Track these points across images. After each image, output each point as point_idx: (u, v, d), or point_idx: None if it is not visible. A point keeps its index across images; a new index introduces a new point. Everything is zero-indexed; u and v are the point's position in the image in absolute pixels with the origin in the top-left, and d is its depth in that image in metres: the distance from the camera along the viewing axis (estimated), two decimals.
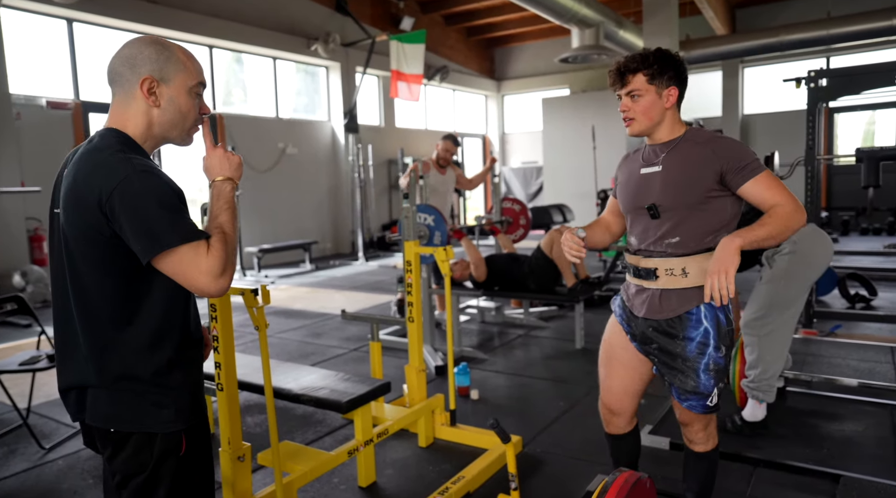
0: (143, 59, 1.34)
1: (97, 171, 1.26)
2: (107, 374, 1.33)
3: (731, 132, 12.22)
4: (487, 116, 15.49)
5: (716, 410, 1.90)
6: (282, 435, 3.19)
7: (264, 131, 9.75)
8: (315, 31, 10.22)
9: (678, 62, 1.82)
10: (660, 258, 1.84)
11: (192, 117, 1.42)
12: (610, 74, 1.86)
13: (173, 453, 1.35)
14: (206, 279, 1.24)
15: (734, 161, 1.74)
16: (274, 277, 8.40)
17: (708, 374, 1.83)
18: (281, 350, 4.87)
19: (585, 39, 8.04)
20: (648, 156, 1.90)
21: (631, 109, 1.82)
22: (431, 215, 4.44)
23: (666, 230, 1.83)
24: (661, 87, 1.80)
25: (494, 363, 4.35)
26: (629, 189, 1.93)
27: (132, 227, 1.23)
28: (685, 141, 1.84)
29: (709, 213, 1.79)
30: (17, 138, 6.78)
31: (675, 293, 1.83)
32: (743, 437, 2.95)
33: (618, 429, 2.12)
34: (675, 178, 1.80)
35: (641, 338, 1.95)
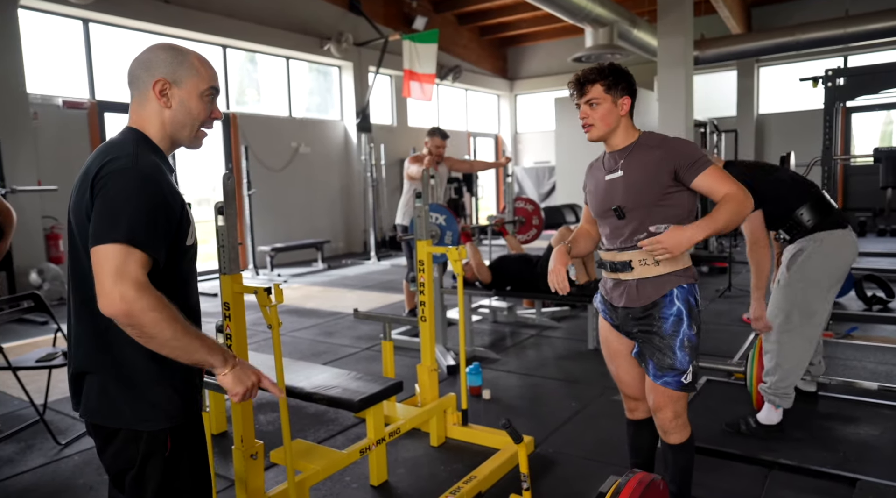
0: (158, 63, 1.39)
1: (105, 157, 1.30)
2: (97, 363, 1.34)
3: (747, 131, 12.12)
4: (500, 116, 15.46)
5: (689, 388, 2.02)
6: (294, 433, 3.20)
7: (277, 131, 9.79)
8: (328, 30, 10.25)
9: (629, 75, 2.02)
10: (633, 251, 2.01)
11: (202, 120, 1.45)
12: (570, 85, 2.05)
13: (159, 453, 1.35)
14: (110, 281, 1.19)
15: (685, 159, 1.92)
16: (286, 276, 8.44)
17: (684, 350, 1.98)
18: (293, 349, 4.89)
19: (599, 39, 8.00)
20: (609, 163, 2.08)
21: (590, 116, 2.00)
22: (443, 215, 4.45)
23: (633, 228, 2.00)
24: (616, 97, 1.99)
25: (506, 363, 4.34)
26: (597, 196, 2.11)
27: (98, 209, 1.24)
28: (639, 145, 2.02)
29: (669, 208, 1.96)
30: (34, 138, 6.86)
31: (650, 281, 2.00)
32: (758, 439, 2.92)
33: (643, 414, 2.25)
34: (635, 181, 1.98)
35: (623, 325, 2.10)
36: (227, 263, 2.15)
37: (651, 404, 2.10)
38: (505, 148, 15.40)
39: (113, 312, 1.20)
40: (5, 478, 2.83)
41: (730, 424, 3.04)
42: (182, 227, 1.36)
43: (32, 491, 2.72)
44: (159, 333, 1.23)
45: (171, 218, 1.31)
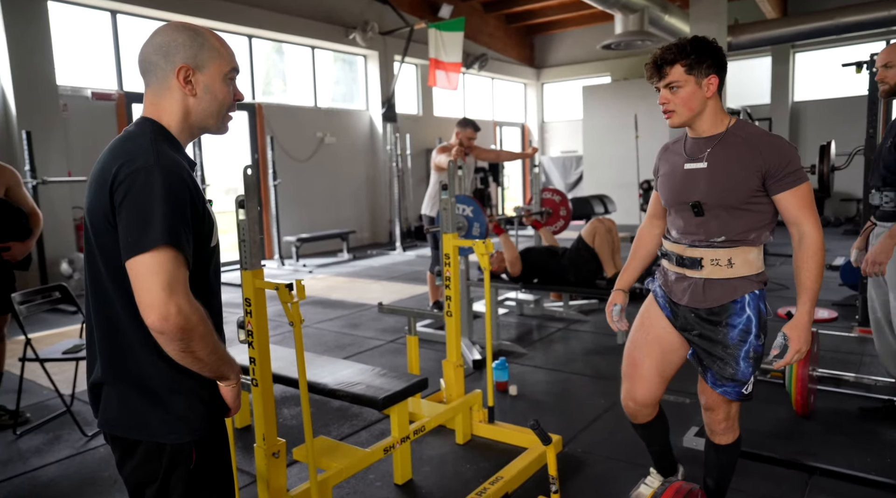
0: (177, 47, 1.28)
1: (122, 156, 1.21)
2: (117, 374, 1.27)
3: (781, 120, 11.76)
4: (527, 105, 15.26)
5: (749, 398, 1.91)
6: (318, 429, 3.17)
7: (303, 121, 9.78)
8: (353, 19, 10.18)
9: (717, 49, 1.77)
10: (705, 248, 1.84)
11: (228, 104, 1.37)
12: (646, 67, 1.84)
13: (183, 465, 1.28)
14: (164, 293, 1.12)
15: (780, 166, 1.73)
16: (312, 267, 8.44)
17: (748, 361, 1.84)
18: (318, 341, 4.87)
19: (629, 25, 7.78)
20: (692, 150, 1.88)
21: (671, 101, 1.79)
22: (470, 206, 4.36)
23: (710, 228, 1.83)
24: (700, 77, 1.76)
25: (533, 358, 4.26)
26: (672, 184, 1.91)
27: (127, 216, 1.16)
28: (731, 136, 1.81)
29: (752, 213, 1.80)
30: (64, 129, 6.94)
31: (720, 283, 1.84)
32: (797, 442, 2.80)
33: (646, 418, 2.13)
34: (721, 177, 1.79)
35: (683, 324, 1.95)
36: (248, 258, 2.10)
37: (703, 404, 2.00)
38: (531, 137, 15.21)
39: (168, 327, 1.12)
40: (34, 469, 2.85)
41: None
42: (206, 228, 1.28)
43: (59, 482, 2.73)
44: (203, 347, 1.17)
45: (196, 218, 1.24)
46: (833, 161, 4.40)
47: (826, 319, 4.92)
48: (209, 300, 1.34)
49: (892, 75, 2.62)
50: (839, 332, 4.40)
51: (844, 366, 3.70)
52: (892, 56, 2.62)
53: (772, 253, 8.02)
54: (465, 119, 5.13)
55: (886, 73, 2.65)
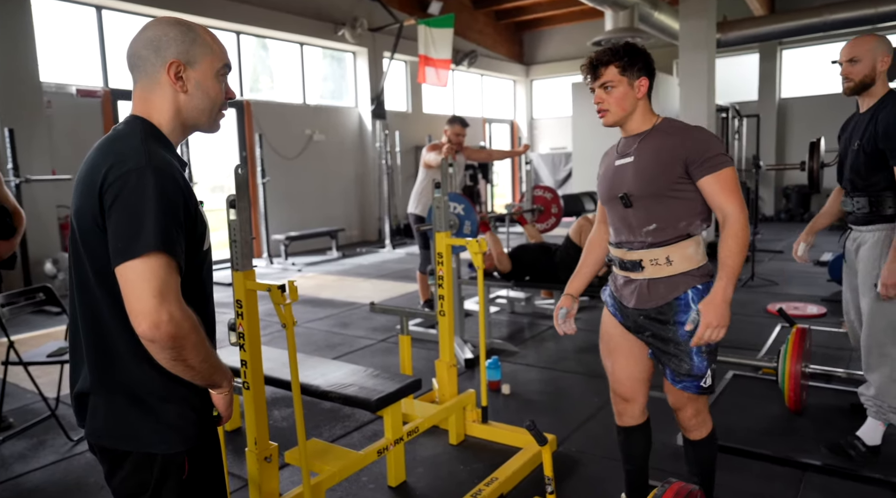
0: (168, 41, 1.23)
1: (112, 156, 1.16)
2: (105, 383, 1.22)
3: (768, 116, 11.83)
4: (516, 102, 15.25)
5: (709, 391, 1.94)
6: (309, 431, 3.13)
7: (291, 118, 9.70)
8: (342, 16, 10.11)
9: (646, 54, 1.90)
10: (642, 249, 1.90)
11: (220, 102, 1.32)
12: (583, 69, 1.93)
13: (175, 476, 1.23)
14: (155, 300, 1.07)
15: (699, 152, 1.80)
16: (301, 265, 8.38)
17: (701, 356, 1.88)
18: (308, 341, 4.83)
19: (619, 22, 7.77)
20: (623, 148, 1.97)
21: (605, 100, 1.89)
22: (461, 204, 4.34)
23: (641, 218, 1.88)
24: (632, 78, 1.87)
25: (525, 356, 4.24)
26: (605, 181, 2.01)
27: (117, 219, 1.11)
28: (656, 131, 1.90)
29: (680, 201, 1.85)
30: (47, 127, 6.82)
31: (662, 282, 1.88)
32: (791, 439, 2.80)
33: (631, 419, 2.13)
34: (645, 167, 1.86)
35: (635, 327, 1.99)
36: (239, 258, 2.05)
37: (670, 403, 2.03)
38: (521, 134, 15.20)
39: (159, 335, 1.08)
40: (18, 475, 2.80)
41: (833, 447, 2.65)
42: (199, 231, 1.24)
43: (44, 489, 2.68)
44: (195, 355, 1.13)
45: (189, 221, 1.19)
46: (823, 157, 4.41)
47: (815, 314, 4.94)
48: (202, 305, 1.31)
49: (858, 71, 2.48)
50: (829, 328, 4.42)
51: (835, 362, 3.71)
52: (856, 51, 2.47)
53: (760, 249, 8.06)
54: (454, 116, 5.11)
55: (852, 68, 2.49)
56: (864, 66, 2.47)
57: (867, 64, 2.46)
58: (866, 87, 2.50)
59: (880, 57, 2.44)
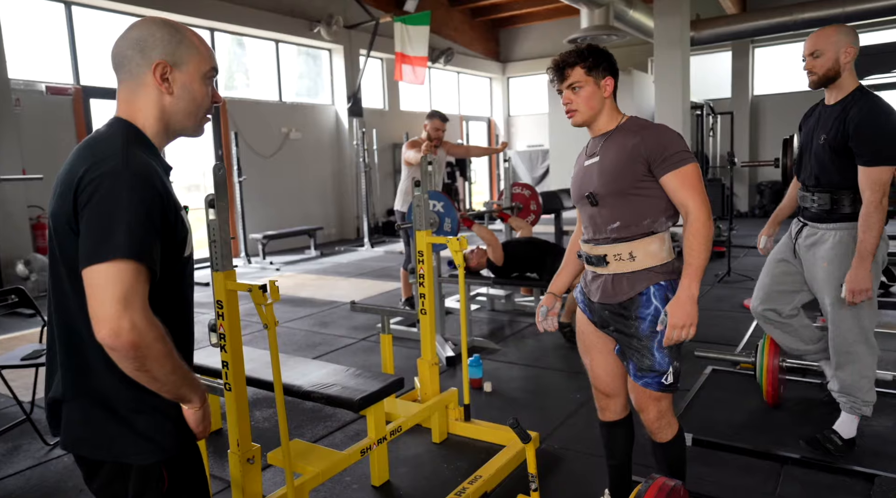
0: (155, 42, 1.21)
1: (90, 158, 1.13)
2: (78, 390, 1.19)
3: (742, 113, 12.02)
4: (492, 99, 15.28)
5: (671, 389, 1.94)
6: (291, 431, 3.11)
7: (267, 116, 9.60)
8: (317, 13, 10.03)
9: (609, 55, 1.94)
10: (607, 245, 1.93)
11: (206, 106, 1.30)
12: (549, 71, 1.95)
13: (152, 488, 1.19)
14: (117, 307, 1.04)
15: (659, 150, 1.82)
16: (279, 264, 8.31)
17: (662, 352, 1.89)
18: (288, 340, 4.79)
19: (595, 20, 7.83)
20: (590, 148, 2.01)
21: (573, 101, 1.92)
22: (441, 202, 4.33)
23: (606, 216, 1.91)
24: (598, 78, 1.90)
25: (506, 354, 4.26)
26: (576, 181, 2.04)
27: (89, 221, 1.08)
28: (620, 129, 1.93)
29: (644, 199, 1.87)
30: (16, 125, 6.66)
31: (626, 277, 1.91)
32: (769, 433, 2.85)
33: (613, 414, 2.16)
34: (609, 166, 1.89)
35: (601, 322, 2.02)
36: (219, 259, 2.03)
37: (634, 404, 2.04)
38: (498, 131, 15.24)
39: (119, 344, 1.04)
40: None
41: (811, 442, 2.65)
42: (178, 237, 1.20)
43: (20, 495, 2.62)
44: (159, 367, 1.10)
45: (167, 227, 1.16)
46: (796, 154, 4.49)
47: None
48: (181, 313, 1.28)
49: (821, 64, 2.43)
50: None
51: None
52: (819, 44, 2.42)
53: (736, 245, 8.19)
54: (433, 111, 5.09)
55: (815, 62, 2.45)
56: (826, 58, 2.43)
57: (830, 56, 2.42)
58: (831, 79, 2.46)
59: (843, 48, 2.40)
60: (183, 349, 1.27)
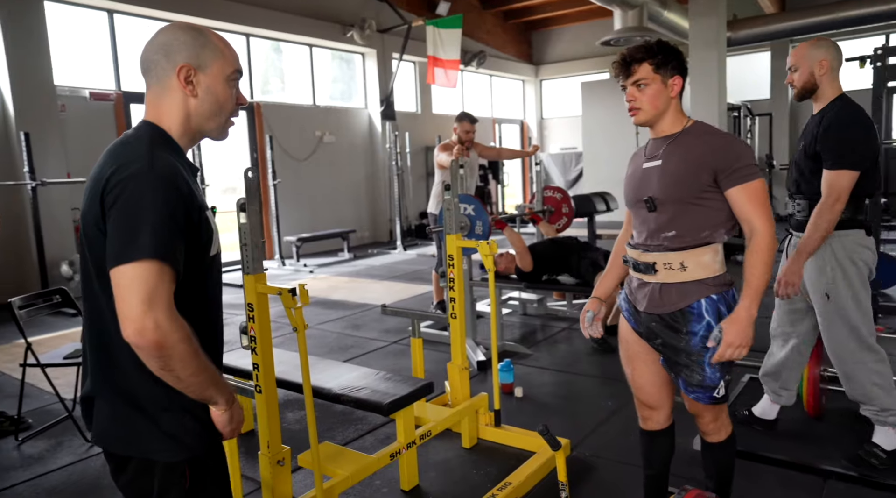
0: (179, 46, 1.24)
1: (116, 161, 1.16)
2: (107, 387, 1.23)
3: (781, 114, 11.73)
4: (525, 102, 15.22)
5: (723, 400, 1.90)
6: (322, 433, 3.13)
7: (301, 119, 9.73)
8: (351, 17, 10.13)
9: (679, 53, 1.85)
10: (657, 252, 1.85)
11: (230, 108, 1.32)
12: (614, 66, 1.87)
13: (176, 485, 1.22)
14: (142, 306, 1.07)
15: (729, 161, 1.74)
16: (312, 266, 8.40)
17: (713, 367, 1.83)
18: (321, 343, 4.83)
19: (628, 21, 7.72)
20: (651, 150, 1.92)
21: (637, 99, 1.83)
22: (472, 205, 4.32)
23: (662, 223, 1.84)
24: (666, 76, 1.82)
25: (538, 359, 4.22)
26: (631, 184, 1.96)
27: (115, 223, 1.11)
28: (686, 134, 1.84)
29: (706, 209, 1.80)
30: (61, 130, 6.88)
31: (675, 287, 1.83)
32: (811, 445, 2.76)
33: (656, 424, 2.10)
34: (673, 171, 1.81)
35: (647, 333, 1.94)
36: (250, 262, 2.05)
37: (688, 409, 1.99)
38: (531, 134, 15.16)
39: (143, 342, 1.07)
40: (37, 476, 2.81)
41: (854, 459, 2.55)
42: (203, 237, 1.22)
43: (62, 490, 2.69)
44: (183, 367, 1.12)
45: (191, 228, 1.18)
46: None
47: None
48: (207, 312, 1.30)
49: (798, 78, 2.52)
50: None
51: None
52: (794, 60, 2.52)
53: None
54: (462, 113, 5.08)
55: (792, 76, 2.54)
56: (801, 73, 2.51)
57: (805, 70, 2.50)
58: (810, 92, 2.53)
59: (817, 62, 2.47)
60: (210, 350, 1.29)
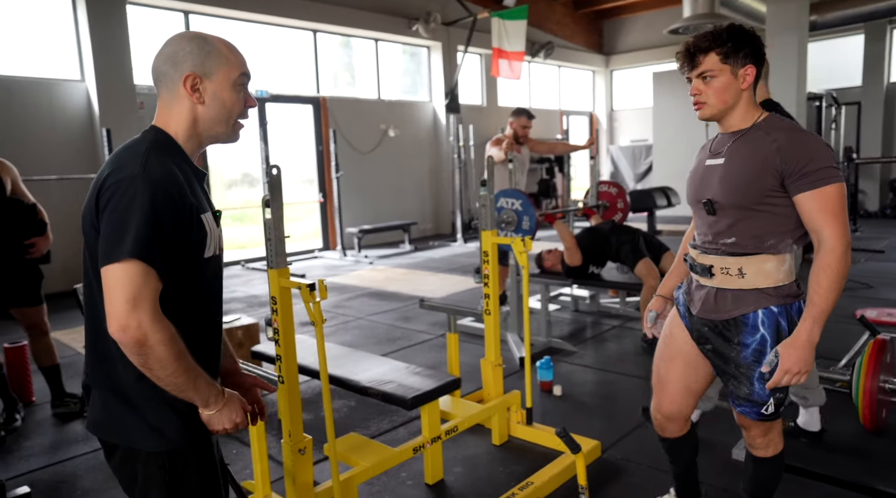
0: (185, 56, 1.29)
1: (114, 164, 1.23)
2: (98, 378, 1.30)
3: (874, 103, 10.92)
4: (595, 93, 14.86)
5: (773, 418, 1.77)
6: (357, 423, 3.20)
7: (366, 113, 9.90)
8: (416, 11, 10.19)
9: (755, 37, 1.64)
10: (716, 255, 1.72)
11: (238, 111, 1.36)
12: (678, 56, 1.69)
13: (156, 475, 1.27)
14: (127, 306, 1.12)
15: (799, 163, 1.55)
16: (373, 258, 8.55)
17: (762, 383, 1.69)
18: (370, 333, 4.92)
19: (699, 7, 7.38)
20: (717, 146, 1.76)
21: (703, 92, 1.65)
22: (519, 200, 4.27)
23: (720, 229, 1.69)
24: (736, 67, 1.62)
25: (583, 357, 4.14)
26: (693, 181, 1.81)
27: (105, 223, 1.17)
28: (756, 130, 1.65)
29: (770, 215, 1.63)
30: (140, 126, 7.24)
31: (731, 293, 1.70)
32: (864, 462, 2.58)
33: (671, 434, 2.01)
34: (734, 173, 1.64)
35: (697, 336, 1.83)
36: (274, 256, 2.12)
37: (736, 420, 1.88)
38: (600, 126, 14.81)
39: (125, 340, 1.14)
40: (95, 449, 3.00)
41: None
42: (194, 239, 1.26)
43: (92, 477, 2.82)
44: (161, 368, 1.17)
45: (182, 229, 1.22)
46: None
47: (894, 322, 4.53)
48: (201, 312, 1.34)
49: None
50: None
51: None
52: None
53: (857, 248, 7.47)
54: (519, 108, 5.03)
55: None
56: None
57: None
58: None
59: None
60: (204, 350, 1.34)
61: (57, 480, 2.79)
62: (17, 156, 4.99)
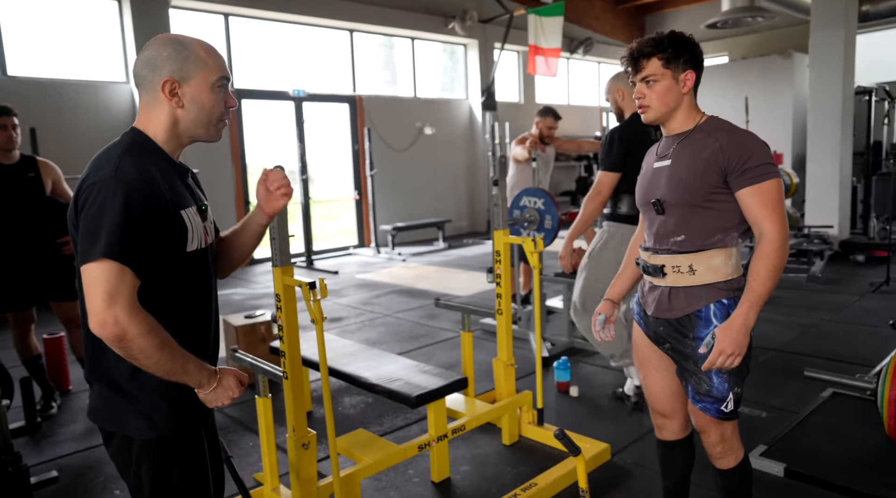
0: (163, 61, 1.32)
1: (92, 166, 1.28)
2: (94, 370, 1.37)
3: None
4: None
5: (732, 417, 1.78)
6: (372, 420, 3.24)
7: (402, 111, 9.96)
8: (452, 9, 10.19)
9: (694, 45, 1.74)
10: (667, 255, 1.77)
11: (218, 113, 1.39)
12: (623, 61, 1.78)
13: (147, 461, 1.33)
14: (103, 303, 1.18)
15: (740, 160, 1.63)
16: (406, 255, 8.62)
17: (721, 377, 1.72)
18: (395, 331, 4.97)
19: (738, 1, 7.18)
20: (662, 148, 1.83)
21: (646, 96, 1.74)
22: (541, 199, 4.25)
23: (670, 228, 1.75)
24: (677, 72, 1.71)
25: (604, 358, 4.07)
26: (641, 184, 1.88)
27: (82, 224, 1.22)
28: (698, 131, 1.73)
29: (716, 212, 1.70)
30: None
31: (683, 291, 1.75)
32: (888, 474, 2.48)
33: (671, 434, 2.00)
34: (681, 173, 1.72)
35: (655, 337, 1.86)
36: (278, 255, 2.17)
37: (694, 424, 1.88)
38: None
39: (105, 335, 1.19)
40: None
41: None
42: (176, 233, 1.31)
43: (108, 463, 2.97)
44: (145, 358, 1.23)
45: (158, 226, 1.27)
46: None
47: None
48: (187, 305, 1.38)
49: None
50: None
51: None
52: None
53: None
54: (546, 108, 4.99)
55: None
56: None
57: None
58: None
59: None
60: (193, 337, 1.39)
61: (84, 465, 2.92)
62: (66, 156, 5.23)
